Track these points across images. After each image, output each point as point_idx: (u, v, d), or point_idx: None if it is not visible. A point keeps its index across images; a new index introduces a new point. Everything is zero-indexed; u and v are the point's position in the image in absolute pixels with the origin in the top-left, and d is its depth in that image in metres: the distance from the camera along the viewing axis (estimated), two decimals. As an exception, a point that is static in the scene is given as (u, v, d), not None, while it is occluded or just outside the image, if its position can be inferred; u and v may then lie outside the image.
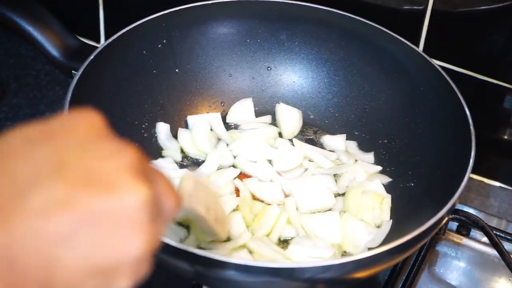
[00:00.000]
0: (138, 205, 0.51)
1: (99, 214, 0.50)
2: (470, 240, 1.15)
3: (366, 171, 1.11)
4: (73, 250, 0.49)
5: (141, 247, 0.52)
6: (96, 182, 0.50)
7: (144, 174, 0.53)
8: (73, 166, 0.51)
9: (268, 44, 1.20)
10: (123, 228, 0.51)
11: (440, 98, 1.08)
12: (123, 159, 0.52)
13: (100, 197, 0.50)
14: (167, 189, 0.57)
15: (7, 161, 0.51)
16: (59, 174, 0.50)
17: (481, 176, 1.28)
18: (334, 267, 0.83)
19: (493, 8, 1.11)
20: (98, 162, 0.52)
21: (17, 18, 1.12)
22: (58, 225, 0.49)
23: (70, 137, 0.53)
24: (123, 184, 0.51)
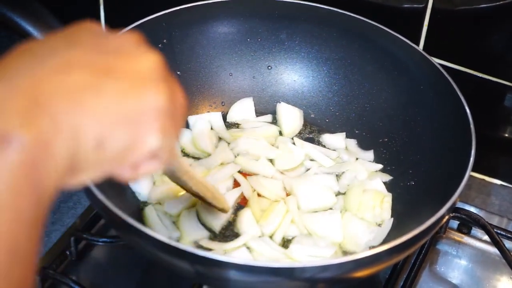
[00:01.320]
0: (150, 65, 0.56)
1: (119, 69, 0.54)
2: (471, 239, 1.15)
3: (367, 170, 1.11)
4: (99, 96, 0.52)
5: (161, 99, 0.56)
6: (113, 48, 0.55)
7: (154, 50, 0.58)
8: (85, 41, 0.55)
9: (269, 43, 1.20)
10: (142, 83, 0.55)
11: (440, 96, 1.08)
12: (133, 37, 0.58)
13: (117, 58, 0.55)
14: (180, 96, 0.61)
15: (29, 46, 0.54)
16: (74, 46, 0.54)
17: (482, 174, 1.28)
18: (334, 266, 0.83)
19: (493, 6, 1.11)
20: (108, 40, 0.57)
21: (18, 18, 1.12)
22: (82, 75, 0.52)
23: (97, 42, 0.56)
24: (137, 52, 0.57)
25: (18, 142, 0.47)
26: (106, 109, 0.53)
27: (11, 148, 0.47)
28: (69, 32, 0.57)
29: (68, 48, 0.54)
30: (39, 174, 0.49)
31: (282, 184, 1.09)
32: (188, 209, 1.03)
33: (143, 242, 0.84)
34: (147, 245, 0.84)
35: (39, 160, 0.49)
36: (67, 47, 0.54)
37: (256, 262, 0.81)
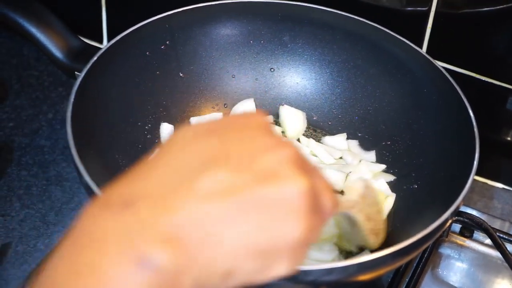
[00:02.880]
0: (298, 194, 0.55)
1: (262, 199, 0.54)
2: (473, 242, 1.15)
3: (371, 170, 1.11)
4: (235, 230, 0.53)
5: (299, 233, 0.55)
6: (260, 171, 0.55)
7: (305, 168, 0.57)
8: (238, 155, 0.55)
9: (271, 45, 1.20)
10: (283, 214, 0.55)
11: (444, 99, 1.07)
12: (285, 152, 0.57)
13: (263, 184, 0.54)
14: (326, 186, 0.60)
15: (174, 153, 0.56)
16: (226, 162, 0.55)
17: (484, 178, 1.28)
18: (337, 270, 0.82)
19: (497, 9, 1.11)
20: (262, 154, 0.56)
21: (20, 19, 1.12)
22: (221, 207, 0.53)
23: (235, 131, 0.58)
24: (285, 174, 0.55)
25: (155, 266, 0.50)
26: (240, 243, 0.54)
27: (148, 270, 0.50)
28: (226, 128, 0.58)
29: (216, 163, 0.55)
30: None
31: None
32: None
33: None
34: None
35: (168, 286, 0.51)
36: (215, 160, 0.55)
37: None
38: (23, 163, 1.23)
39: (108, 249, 0.50)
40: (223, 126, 0.59)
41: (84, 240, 0.51)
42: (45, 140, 1.28)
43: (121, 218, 0.52)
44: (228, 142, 0.57)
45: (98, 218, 0.52)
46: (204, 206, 0.52)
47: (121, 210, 0.52)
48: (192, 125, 0.59)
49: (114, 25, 1.40)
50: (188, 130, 0.58)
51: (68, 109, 0.95)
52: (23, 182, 1.20)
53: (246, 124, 0.59)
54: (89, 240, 0.51)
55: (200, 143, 0.56)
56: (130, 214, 0.52)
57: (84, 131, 0.97)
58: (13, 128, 1.30)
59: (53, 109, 1.34)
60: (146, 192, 0.53)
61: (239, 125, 0.59)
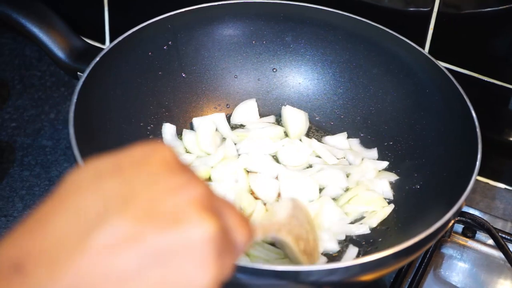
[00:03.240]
0: (204, 239, 0.51)
1: (165, 249, 0.50)
2: (475, 242, 1.15)
3: (375, 169, 1.11)
4: (137, 286, 0.50)
5: (206, 281, 0.52)
6: (162, 217, 0.51)
7: (212, 207, 0.53)
8: (139, 199, 0.51)
9: (274, 45, 1.20)
10: (189, 263, 0.51)
11: (446, 99, 1.07)
12: (191, 192, 0.53)
13: (165, 232, 0.50)
14: (238, 222, 0.57)
15: (76, 196, 0.51)
16: (126, 209, 0.50)
17: (487, 178, 1.28)
18: (340, 270, 0.82)
19: (499, 10, 1.11)
20: (165, 195, 0.52)
21: (23, 19, 1.12)
22: (123, 262, 0.49)
23: (139, 169, 0.53)
24: (189, 218, 0.51)
25: None
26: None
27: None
28: (131, 166, 0.54)
29: (121, 207, 0.51)
30: None
31: (278, 186, 1.09)
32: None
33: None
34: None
35: None
36: (120, 204, 0.51)
37: (262, 266, 0.81)
38: (25, 164, 1.24)
39: None
40: (127, 162, 0.54)
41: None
42: (47, 140, 1.28)
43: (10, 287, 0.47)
44: (131, 183, 0.52)
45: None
46: (103, 264, 0.49)
47: (9, 276, 0.48)
48: (93, 162, 0.54)
49: (116, 25, 1.41)
50: (90, 169, 0.54)
51: (70, 110, 0.96)
52: (25, 182, 1.21)
53: (151, 161, 0.54)
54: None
55: (101, 184, 0.52)
56: (19, 281, 0.48)
57: (86, 132, 0.97)
58: (15, 129, 1.30)
59: (55, 110, 1.34)
60: (37, 252, 0.49)
61: (143, 161, 0.54)
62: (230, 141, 1.14)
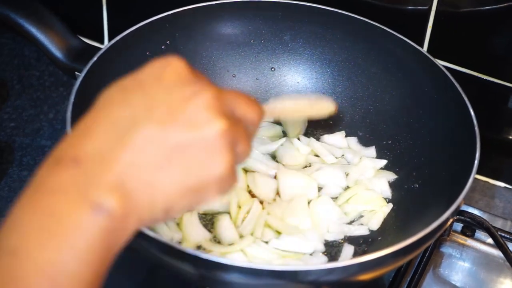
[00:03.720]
0: (217, 135, 0.63)
1: (186, 145, 0.62)
2: (475, 241, 1.15)
3: (373, 167, 1.11)
4: (168, 176, 0.62)
5: (221, 170, 0.64)
6: (180, 120, 0.62)
7: (221, 107, 0.65)
8: (160, 108, 0.62)
9: (272, 44, 1.20)
10: (207, 155, 0.63)
11: (445, 98, 1.07)
12: (202, 99, 0.64)
13: (185, 132, 0.62)
14: (247, 108, 0.69)
15: (110, 109, 0.63)
16: (150, 116, 0.62)
17: (486, 177, 1.27)
18: (339, 269, 0.82)
19: (498, 8, 1.11)
20: (181, 103, 0.63)
21: (21, 20, 1.12)
22: (154, 157, 0.61)
23: (157, 83, 0.65)
24: (202, 119, 0.63)
25: (106, 211, 0.59)
26: (175, 185, 0.63)
27: (101, 214, 0.59)
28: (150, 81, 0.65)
29: (147, 115, 0.62)
30: (113, 239, 0.60)
31: (275, 185, 1.09)
32: (190, 211, 1.03)
33: (146, 244, 0.83)
34: (150, 247, 0.84)
35: (116, 229, 0.60)
36: (146, 112, 0.62)
37: (260, 265, 0.80)
38: (24, 164, 1.23)
39: (65, 197, 0.59)
40: (146, 78, 0.65)
41: (43, 191, 0.59)
42: (46, 140, 1.28)
43: (74, 173, 0.59)
44: (151, 95, 0.63)
45: (52, 173, 0.60)
46: (139, 157, 0.61)
47: (72, 167, 0.60)
48: (120, 81, 0.66)
49: (115, 25, 1.40)
50: (117, 86, 0.66)
51: (68, 110, 0.95)
52: (24, 182, 1.20)
53: (166, 74, 0.65)
54: (47, 191, 0.59)
55: (128, 98, 0.64)
56: (80, 169, 0.60)
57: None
58: (14, 129, 1.30)
59: (54, 109, 1.34)
60: (89, 150, 0.61)
61: (159, 75, 0.65)
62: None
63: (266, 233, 1.02)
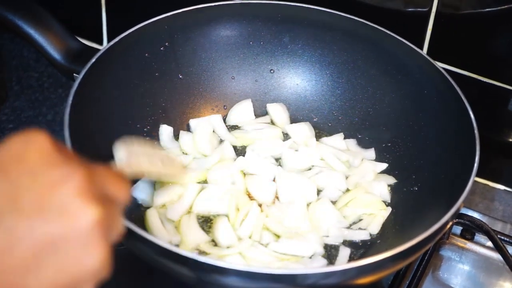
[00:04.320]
0: (89, 225, 0.57)
1: (56, 239, 0.55)
2: (474, 245, 1.15)
3: (373, 170, 1.11)
4: (38, 277, 0.55)
5: (98, 261, 0.58)
6: (49, 210, 0.55)
7: (92, 192, 0.58)
8: (27, 197, 0.55)
9: (271, 46, 1.19)
10: (81, 248, 0.57)
11: (444, 100, 1.07)
12: (71, 184, 0.57)
13: (53, 224, 0.55)
14: (118, 185, 0.63)
15: None
16: (14, 208, 0.55)
17: (486, 180, 1.27)
18: (337, 273, 0.82)
19: (498, 10, 1.11)
20: (48, 190, 0.56)
21: (19, 21, 1.12)
22: (21, 258, 0.54)
23: (20, 166, 0.57)
24: (74, 208, 0.56)
25: None
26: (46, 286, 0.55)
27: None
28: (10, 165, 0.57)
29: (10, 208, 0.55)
30: None
31: (275, 189, 1.08)
32: (189, 214, 1.03)
33: (144, 247, 0.83)
34: (148, 250, 0.83)
35: None
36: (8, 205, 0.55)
37: (258, 269, 0.80)
38: (22, 165, 1.23)
39: None
40: (6, 160, 0.57)
41: None
42: (44, 142, 1.28)
43: None
44: (15, 182, 0.56)
45: None
46: (2, 259, 0.53)
47: None
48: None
49: (114, 26, 1.40)
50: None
51: (66, 111, 0.95)
52: (22, 184, 1.20)
53: (30, 155, 0.58)
54: None
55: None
56: None
57: (82, 133, 0.97)
58: (13, 130, 1.30)
59: (53, 111, 1.34)
60: None
61: (22, 157, 0.57)
62: (228, 143, 1.14)
63: (265, 236, 1.02)
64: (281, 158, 1.13)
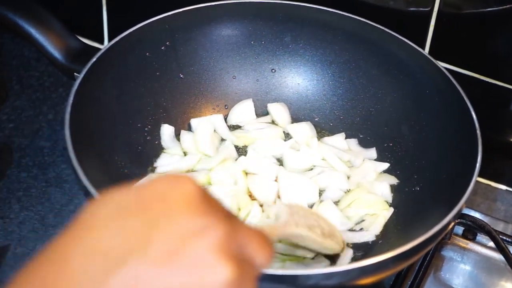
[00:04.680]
0: (221, 284, 0.52)
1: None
2: (476, 245, 1.14)
3: (375, 170, 1.11)
4: None
5: None
6: (180, 261, 0.51)
7: (231, 250, 0.54)
8: (159, 243, 0.51)
9: (273, 46, 1.19)
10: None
11: (446, 100, 1.07)
12: (211, 237, 0.53)
13: (181, 277, 0.51)
14: (259, 248, 0.58)
15: (95, 234, 0.52)
16: (144, 251, 0.51)
17: (488, 180, 1.27)
18: (339, 273, 0.82)
19: (500, 10, 1.10)
20: (183, 240, 0.52)
21: (20, 20, 1.12)
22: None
23: (161, 206, 0.54)
24: (207, 263, 0.52)
25: None
26: None
27: None
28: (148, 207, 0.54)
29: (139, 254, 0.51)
30: None
31: (277, 189, 1.08)
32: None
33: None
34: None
35: None
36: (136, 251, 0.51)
37: (259, 269, 0.80)
38: (22, 165, 1.23)
39: None
40: (149, 198, 0.54)
41: None
42: (45, 141, 1.28)
43: None
44: (152, 223, 0.53)
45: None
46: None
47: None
48: (113, 196, 0.55)
49: (115, 26, 1.40)
50: (110, 203, 0.54)
51: (66, 111, 0.95)
52: (22, 184, 1.20)
53: (174, 197, 0.54)
54: None
55: (122, 222, 0.53)
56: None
57: (83, 133, 0.96)
58: (13, 129, 1.29)
59: (54, 110, 1.34)
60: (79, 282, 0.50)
61: (164, 197, 0.54)
62: (229, 142, 1.13)
63: None
64: (282, 158, 1.13)
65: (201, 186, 0.56)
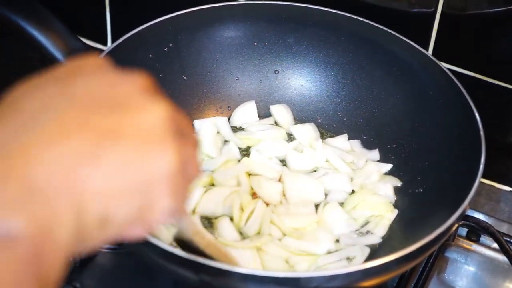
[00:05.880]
0: (160, 119, 0.50)
1: (123, 130, 0.48)
2: (480, 246, 1.14)
3: (378, 171, 1.10)
4: (99, 169, 0.47)
5: (170, 159, 0.50)
6: (114, 104, 0.49)
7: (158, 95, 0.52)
8: (83, 94, 0.49)
9: (276, 47, 1.19)
10: (149, 144, 0.49)
11: (449, 102, 1.06)
12: (137, 82, 0.51)
13: (121, 114, 0.49)
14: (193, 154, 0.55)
15: (17, 102, 0.49)
16: (70, 102, 0.48)
17: (492, 181, 1.27)
18: (342, 276, 0.81)
19: (503, 10, 1.10)
20: (112, 88, 0.50)
21: (22, 22, 1.12)
22: (77, 145, 0.46)
23: (78, 74, 0.51)
24: (142, 102, 0.50)
25: (17, 236, 0.43)
26: (109, 182, 0.48)
27: (12, 244, 0.43)
28: (67, 75, 0.51)
29: (65, 102, 0.48)
30: (42, 263, 0.45)
31: (281, 188, 1.08)
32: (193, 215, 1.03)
33: (146, 249, 0.83)
34: (150, 252, 0.83)
35: (41, 250, 0.44)
36: (63, 100, 0.49)
37: (262, 272, 0.80)
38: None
39: None
40: (65, 73, 0.52)
41: None
42: (48, 143, 1.27)
43: None
44: (70, 84, 0.50)
45: None
46: (55, 148, 0.46)
47: None
48: (32, 78, 0.52)
49: (118, 27, 1.40)
50: (24, 84, 0.51)
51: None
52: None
53: (88, 67, 0.52)
54: None
55: (44, 90, 0.49)
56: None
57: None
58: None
59: (57, 112, 1.34)
60: (6, 133, 0.46)
61: (78, 68, 0.52)
62: (233, 144, 1.13)
63: (274, 231, 1.01)
64: (286, 159, 1.13)
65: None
